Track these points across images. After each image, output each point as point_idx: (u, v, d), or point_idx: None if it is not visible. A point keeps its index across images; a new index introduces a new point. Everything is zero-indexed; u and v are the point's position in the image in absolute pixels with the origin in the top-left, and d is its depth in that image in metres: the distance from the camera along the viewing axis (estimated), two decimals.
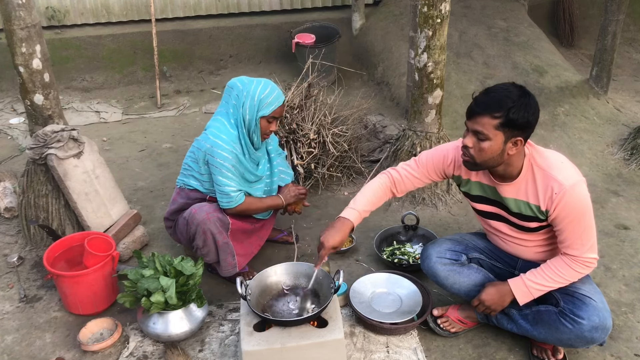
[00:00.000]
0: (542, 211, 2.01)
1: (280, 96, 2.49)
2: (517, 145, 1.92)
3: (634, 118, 4.35)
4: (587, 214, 1.97)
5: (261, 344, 2.00)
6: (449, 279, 2.29)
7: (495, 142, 1.90)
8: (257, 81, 2.48)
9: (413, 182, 2.31)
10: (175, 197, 2.65)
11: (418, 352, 2.26)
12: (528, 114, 1.86)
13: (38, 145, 2.75)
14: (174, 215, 2.66)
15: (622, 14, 4.25)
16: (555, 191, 1.93)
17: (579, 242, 1.98)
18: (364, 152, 3.86)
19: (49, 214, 2.89)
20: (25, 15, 2.70)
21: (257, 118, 2.46)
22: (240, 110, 2.46)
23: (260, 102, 2.44)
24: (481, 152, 1.94)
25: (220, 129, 2.46)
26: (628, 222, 3.15)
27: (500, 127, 1.88)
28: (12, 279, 2.78)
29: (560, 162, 2.00)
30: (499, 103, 1.86)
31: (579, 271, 2.01)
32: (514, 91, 1.88)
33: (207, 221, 2.44)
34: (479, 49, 4.89)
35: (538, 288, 2.05)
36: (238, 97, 2.47)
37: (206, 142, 2.45)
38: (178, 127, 4.61)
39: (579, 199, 1.94)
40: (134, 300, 2.29)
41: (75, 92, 5.35)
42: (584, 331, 1.98)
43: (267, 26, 5.78)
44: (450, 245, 2.35)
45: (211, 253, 2.52)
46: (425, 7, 3.05)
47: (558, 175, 1.94)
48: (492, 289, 2.15)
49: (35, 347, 2.36)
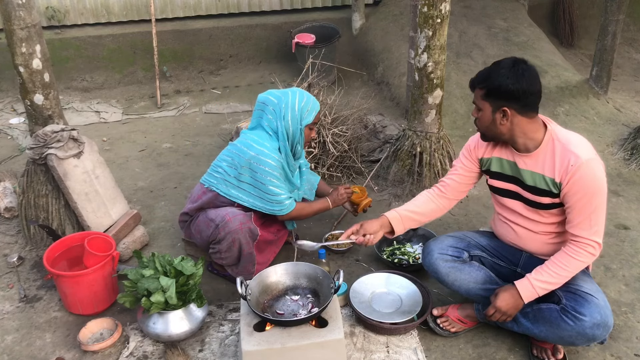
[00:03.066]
0: (556, 183, 2.02)
1: (316, 102, 2.57)
2: (506, 116, 2.00)
3: (634, 118, 4.35)
4: (599, 194, 1.97)
5: (261, 344, 2.00)
6: (449, 276, 2.29)
7: (485, 112, 2.06)
8: (291, 92, 2.53)
9: (457, 179, 2.36)
10: (200, 195, 2.58)
11: (418, 352, 2.26)
12: (507, 82, 1.95)
13: (38, 145, 2.75)
14: (195, 212, 2.62)
15: (622, 14, 4.25)
16: (571, 163, 1.96)
17: (587, 222, 1.98)
18: (364, 152, 3.86)
19: (49, 214, 2.89)
20: (25, 15, 2.70)
21: (302, 127, 2.50)
22: (281, 123, 2.48)
23: (301, 112, 2.49)
24: (480, 122, 2.11)
25: (261, 138, 2.48)
26: (628, 222, 3.15)
27: (485, 97, 2.03)
28: (12, 279, 2.78)
29: (580, 139, 2.03)
30: (484, 75, 2.03)
31: (582, 260, 2.01)
32: (504, 63, 2.00)
33: (239, 231, 2.43)
34: (479, 49, 4.89)
35: (543, 287, 2.05)
36: (275, 111, 2.49)
37: (250, 150, 2.44)
38: (178, 127, 4.61)
39: (593, 175, 1.95)
40: (134, 300, 2.29)
41: (75, 92, 5.35)
42: (585, 328, 1.98)
43: (267, 26, 5.78)
44: (452, 242, 2.35)
45: (231, 258, 2.52)
46: (425, 7, 3.05)
47: (576, 149, 1.98)
48: (505, 294, 2.10)
49: (35, 347, 2.36)
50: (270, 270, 2.29)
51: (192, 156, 4.08)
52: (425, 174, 3.34)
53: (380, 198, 3.39)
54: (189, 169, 3.89)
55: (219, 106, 5.01)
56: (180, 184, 3.67)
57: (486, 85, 2.01)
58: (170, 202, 3.46)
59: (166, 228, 3.19)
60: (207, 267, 2.79)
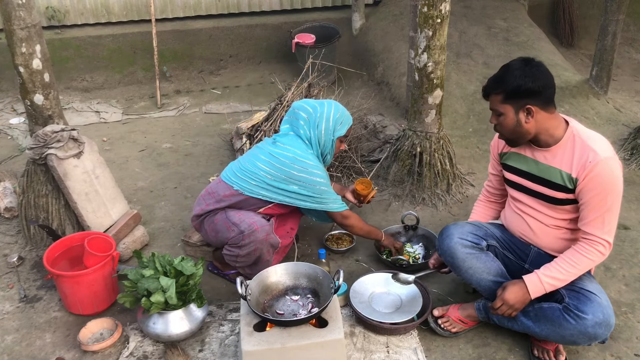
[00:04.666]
0: (572, 179, 2.02)
1: (350, 116, 2.62)
2: (530, 114, 2.01)
3: (634, 118, 4.35)
4: (615, 193, 1.98)
5: (261, 344, 2.00)
6: (466, 262, 2.24)
7: (508, 116, 2.04)
8: (327, 103, 2.56)
9: (494, 180, 2.45)
10: (227, 195, 2.51)
11: (418, 352, 2.26)
12: (526, 80, 1.97)
13: (38, 145, 2.75)
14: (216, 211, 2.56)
15: (622, 14, 4.25)
16: (589, 159, 1.97)
17: (600, 220, 1.99)
18: (364, 152, 3.86)
19: (49, 214, 2.89)
20: (25, 15, 2.70)
21: (334, 139, 2.54)
22: (314, 132, 2.51)
23: (335, 124, 2.52)
24: (502, 127, 2.09)
25: (301, 149, 2.49)
26: (628, 222, 3.15)
27: (506, 100, 2.03)
28: (12, 279, 2.78)
29: (600, 138, 2.04)
30: (498, 80, 2.04)
31: (592, 258, 2.01)
32: (515, 64, 2.02)
33: (264, 242, 2.45)
34: (479, 49, 4.89)
35: (552, 283, 2.05)
36: (310, 120, 2.52)
37: (296, 164, 2.44)
38: (178, 127, 4.61)
39: (611, 173, 1.96)
40: (134, 300, 2.29)
41: (75, 92, 5.35)
42: (587, 327, 1.98)
43: (267, 26, 5.78)
44: (472, 229, 2.32)
45: (246, 263, 2.53)
46: (425, 7, 3.05)
47: (595, 146, 1.99)
48: (514, 288, 2.10)
49: (35, 347, 2.36)
50: (270, 270, 2.29)
51: (192, 156, 4.08)
52: (425, 174, 3.35)
53: (380, 198, 3.39)
54: (189, 169, 3.89)
55: (219, 106, 5.01)
56: (180, 184, 3.67)
57: (503, 89, 2.01)
58: (170, 202, 3.46)
59: (166, 228, 3.19)
60: (207, 267, 2.79)
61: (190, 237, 2.90)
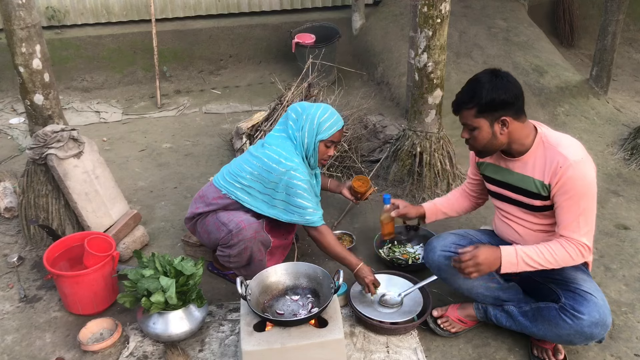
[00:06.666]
0: (545, 186, 2.03)
1: (339, 120, 2.51)
2: (505, 125, 2.01)
3: (634, 118, 4.35)
4: (588, 195, 1.98)
5: (261, 344, 2.00)
6: (452, 273, 2.26)
7: (483, 129, 2.03)
8: (317, 105, 2.51)
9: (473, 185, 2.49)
10: (216, 199, 2.52)
11: (418, 352, 2.26)
12: (498, 93, 1.97)
13: (38, 145, 2.75)
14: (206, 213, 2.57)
15: (622, 14, 4.25)
16: (560, 164, 1.97)
17: (575, 223, 1.98)
18: (364, 152, 3.86)
19: (49, 214, 2.89)
20: (25, 15, 2.70)
21: (316, 142, 2.47)
22: (299, 133, 2.47)
23: (319, 126, 2.45)
24: (476, 141, 2.08)
25: (288, 151, 2.44)
26: (628, 222, 3.15)
27: (479, 114, 2.01)
28: (12, 279, 2.78)
29: (570, 141, 2.04)
30: (468, 95, 2.02)
31: (571, 255, 2.00)
32: (484, 77, 2.01)
33: (253, 240, 2.43)
34: (479, 49, 4.89)
35: (527, 261, 2.02)
36: (297, 120, 2.48)
37: (279, 166, 2.40)
38: (178, 127, 4.62)
39: (582, 176, 1.96)
40: (134, 300, 2.29)
41: (75, 92, 5.35)
42: (583, 327, 1.99)
43: (267, 26, 5.79)
44: (455, 239, 2.34)
45: (240, 263, 2.52)
46: (425, 7, 3.05)
47: (564, 151, 1.99)
48: (489, 249, 2.06)
49: (35, 347, 2.36)
50: (270, 270, 2.29)
51: (192, 156, 4.08)
52: (425, 174, 3.35)
53: (379, 198, 3.39)
54: (189, 169, 3.89)
55: (219, 106, 5.01)
56: (180, 184, 3.67)
57: (477, 102, 1.99)
58: (170, 202, 3.46)
59: (166, 228, 3.19)
60: (207, 267, 2.79)
61: (190, 237, 2.90)
